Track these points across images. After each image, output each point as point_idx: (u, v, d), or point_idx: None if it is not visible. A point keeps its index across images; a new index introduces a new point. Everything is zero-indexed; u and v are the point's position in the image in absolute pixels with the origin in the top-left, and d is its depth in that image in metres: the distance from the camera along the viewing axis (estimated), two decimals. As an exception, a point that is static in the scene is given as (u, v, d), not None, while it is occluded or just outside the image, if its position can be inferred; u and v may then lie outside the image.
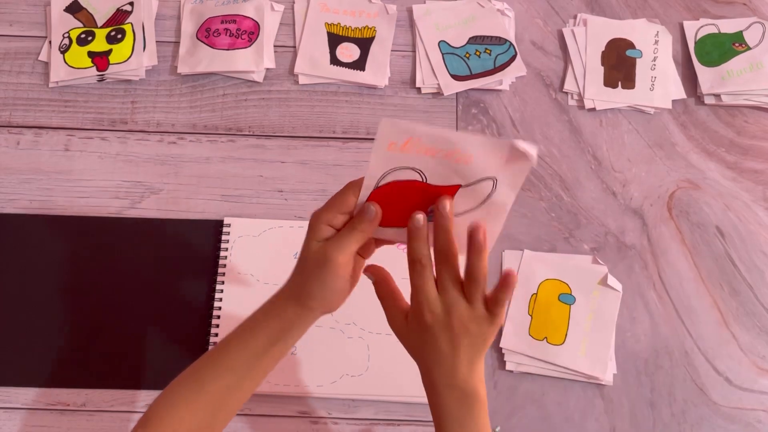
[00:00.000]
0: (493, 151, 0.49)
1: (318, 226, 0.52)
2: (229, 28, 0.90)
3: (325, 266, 0.51)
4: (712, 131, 0.88)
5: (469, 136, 0.49)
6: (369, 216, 0.51)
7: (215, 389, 0.54)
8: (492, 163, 0.49)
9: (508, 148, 0.48)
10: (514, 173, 0.50)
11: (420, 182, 0.51)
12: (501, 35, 0.92)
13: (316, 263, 0.52)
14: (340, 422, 0.73)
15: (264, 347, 0.55)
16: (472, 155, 0.49)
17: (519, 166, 0.49)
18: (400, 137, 0.48)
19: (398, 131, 0.48)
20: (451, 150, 0.49)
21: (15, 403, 0.73)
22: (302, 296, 0.53)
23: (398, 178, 0.51)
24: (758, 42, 0.92)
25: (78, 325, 0.76)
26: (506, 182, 0.50)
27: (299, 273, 0.54)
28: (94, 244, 0.80)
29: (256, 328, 0.55)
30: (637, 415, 0.74)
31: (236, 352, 0.55)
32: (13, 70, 0.90)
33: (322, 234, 0.52)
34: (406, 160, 0.50)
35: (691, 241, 0.82)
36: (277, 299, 0.55)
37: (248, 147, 0.86)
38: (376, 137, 0.48)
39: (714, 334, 0.77)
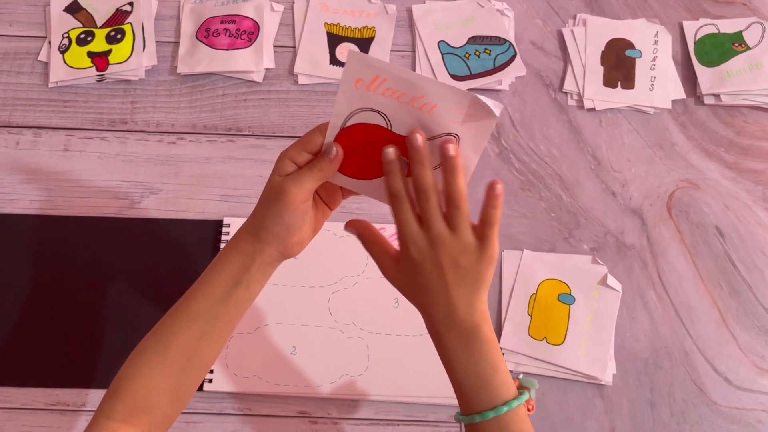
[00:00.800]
0: (455, 102, 0.47)
1: (282, 162, 0.52)
2: (228, 28, 0.90)
3: (281, 199, 0.51)
4: (712, 131, 0.88)
5: (431, 81, 0.47)
6: (330, 155, 0.51)
7: (182, 342, 0.52)
8: (454, 116, 0.48)
9: (470, 101, 0.47)
10: (476, 132, 0.48)
11: (385, 130, 0.50)
12: (501, 35, 0.92)
13: (273, 196, 0.52)
14: (340, 422, 0.73)
15: (226, 290, 0.53)
16: (436, 104, 0.47)
17: (481, 123, 0.48)
18: (367, 74, 0.47)
19: (365, 67, 0.47)
20: (414, 96, 0.47)
21: (15, 403, 0.73)
22: (258, 229, 0.53)
23: (364, 121, 0.50)
24: (758, 42, 0.92)
25: (78, 325, 0.76)
26: (468, 142, 0.49)
27: (258, 207, 0.54)
28: (94, 244, 0.80)
29: (216, 270, 0.54)
30: (636, 415, 0.74)
31: (199, 299, 0.54)
32: (12, 70, 0.90)
33: (285, 169, 0.52)
34: (372, 100, 0.49)
35: (691, 241, 0.82)
36: (235, 237, 0.55)
37: (248, 147, 0.86)
38: (343, 71, 0.47)
39: (713, 334, 0.77)
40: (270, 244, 0.53)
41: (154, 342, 0.54)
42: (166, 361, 0.52)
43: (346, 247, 0.79)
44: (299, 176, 0.51)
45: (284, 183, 0.51)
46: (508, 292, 0.78)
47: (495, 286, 0.79)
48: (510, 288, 0.78)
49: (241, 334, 0.75)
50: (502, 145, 0.87)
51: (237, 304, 0.54)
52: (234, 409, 0.73)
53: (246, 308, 0.55)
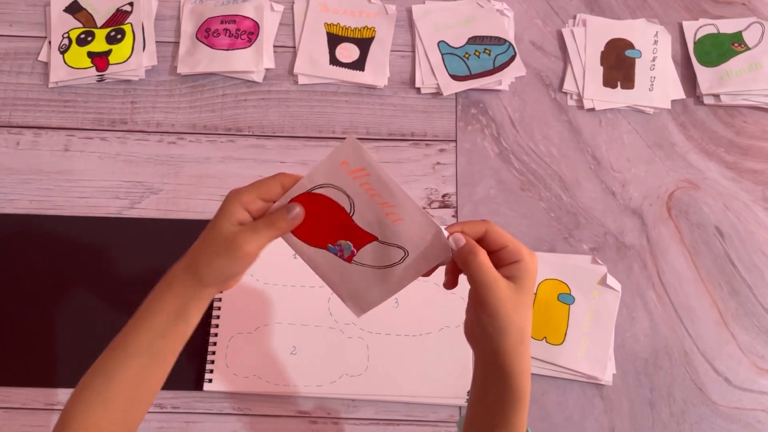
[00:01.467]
0: (420, 227, 0.49)
1: (235, 207, 0.51)
2: (228, 28, 0.90)
3: (234, 252, 0.50)
4: (712, 131, 0.88)
5: (409, 201, 0.49)
6: (291, 215, 0.51)
7: (125, 377, 0.53)
8: (414, 237, 0.50)
9: (434, 233, 0.49)
10: (425, 258, 0.50)
11: (345, 212, 0.51)
12: (500, 35, 0.92)
13: (224, 246, 0.51)
14: (340, 422, 0.73)
15: (165, 326, 0.54)
16: (403, 219, 0.49)
17: (434, 253, 0.49)
18: (356, 162, 0.49)
19: (357, 156, 0.48)
20: (387, 202, 0.49)
21: (15, 403, 0.73)
22: (200, 273, 0.52)
23: (330, 196, 0.51)
24: (757, 42, 0.92)
25: (78, 325, 0.76)
26: (413, 262, 0.50)
27: (202, 248, 0.53)
28: (94, 244, 0.80)
29: (154, 308, 0.54)
30: (636, 415, 0.74)
31: (139, 335, 0.54)
32: (12, 70, 0.90)
33: (238, 216, 0.51)
34: (348, 184, 0.50)
35: (691, 241, 0.82)
36: (172, 275, 0.54)
37: (248, 147, 0.86)
38: (336, 148, 0.48)
39: (713, 334, 0.77)
40: (211, 286, 0.53)
41: (97, 378, 0.54)
42: (110, 396, 0.53)
43: (345, 247, 0.79)
44: (256, 232, 0.51)
45: (239, 237, 0.50)
46: (508, 292, 0.78)
47: (495, 286, 0.79)
48: (510, 288, 0.78)
49: (241, 334, 0.75)
50: (502, 145, 0.87)
51: (177, 337, 0.55)
52: (234, 409, 0.73)
53: (186, 338, 0.56)
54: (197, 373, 0.73)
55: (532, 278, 0.50)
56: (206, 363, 0.74)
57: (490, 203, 0.83)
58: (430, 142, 0.87)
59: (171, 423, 0.72)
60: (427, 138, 0.87)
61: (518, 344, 0.50)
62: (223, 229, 0.51)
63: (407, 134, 0.87)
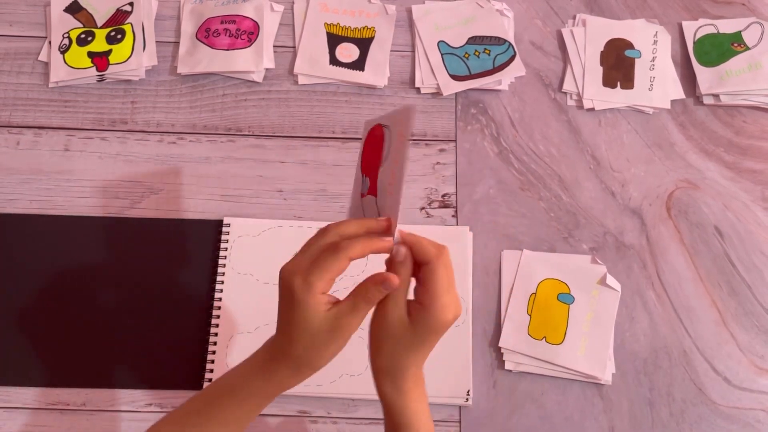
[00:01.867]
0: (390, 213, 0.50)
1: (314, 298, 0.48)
2: (228, 28, 0.90)
3: (342, 337, 0.49)
4: (711, 131, 0.88)
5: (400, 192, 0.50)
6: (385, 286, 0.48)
7: None
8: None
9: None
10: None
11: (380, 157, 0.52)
12: (500, 35, 0.92)
13: (329, 336, 0.49)
14: (340, 422, 0.73)
15: (257, 405, 0.53)
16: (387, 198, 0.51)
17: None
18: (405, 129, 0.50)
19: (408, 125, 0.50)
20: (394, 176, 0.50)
21: (15, 403, 0.73)
22: (313, 365, 0.51)
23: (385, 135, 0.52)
24: (757, 42, 0.92)
25: (78, 325, 0.76)
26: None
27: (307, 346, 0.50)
28: (94, 244, 0.80)
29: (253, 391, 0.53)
30: (636, 415, 0.74)
31: (231, 408, 0.52)
32: (13, 70, 0.90)
33: (323, 302, 0.49)
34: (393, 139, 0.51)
35: (690, 241, 0.82)
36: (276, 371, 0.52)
37: (248, 147, 0.86)
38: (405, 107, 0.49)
39: (713, 333, 0.77)
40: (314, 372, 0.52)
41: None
42: None
43: (345, 247, 0.79)
44: (357, 311, 0.49)
45: (342, 323, 0.48)
46: (508, 292, 0.78)
47: (495, 286, 0.79)
48: (509, 287, 0.78)
49: (241, 333, 0.75)
50: (502, 145, 0.87)
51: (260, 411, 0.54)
52: (234, 408, 0.73)
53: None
54: (197, 372, 0.74)
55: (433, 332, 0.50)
56: (206, 362, 0.74)
57: (489, 203, 0.83)
58: (429, 142, 0.87)
59: (171, 423, 0.72)
60: (427, 138, 0.87)
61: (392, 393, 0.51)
62: (320, 321, 0.48)
63: (407, 134, 0.87)
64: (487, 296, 0.78)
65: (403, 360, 0.51)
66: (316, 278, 0.48)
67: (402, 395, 0.52)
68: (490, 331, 0.77)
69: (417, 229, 0.81)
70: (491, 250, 0.81)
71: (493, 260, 0.80)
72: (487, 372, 0.75)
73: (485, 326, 0.77)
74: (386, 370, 0.52)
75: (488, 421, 0.73)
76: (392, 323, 0.50)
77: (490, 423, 0.73)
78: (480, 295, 0.78)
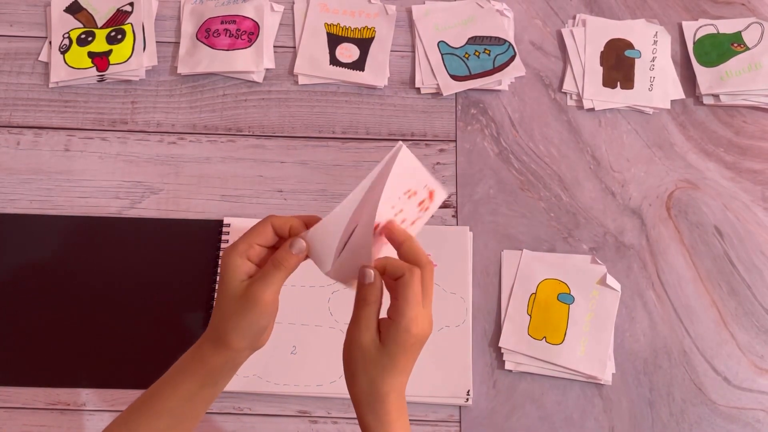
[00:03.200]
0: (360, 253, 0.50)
1: (235, 260, 0.49)
2: (228, 28, 0.90)
3: (254, 307, 0.49)
4: (711, 131, 0.88)
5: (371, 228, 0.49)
6: (296, 250, 0.49)
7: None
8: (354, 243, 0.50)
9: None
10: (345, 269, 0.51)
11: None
12: (500, 36, 0.92)
13: (241, 304, 0.49)
14: (340, 422, 0.73)
15: (194, 391, 0.52)
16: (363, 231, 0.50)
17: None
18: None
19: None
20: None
21: (15, 403, 0.73)
22: (228, 340, 0.50)
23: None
24: (757, 42, 0.92)
25: (78, 325, 0.76)
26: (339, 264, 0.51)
27: (221, 315, 0.51)
28: (94, 244, 0.80)
29: (183, 373, 0.53)
30: (636, 415, 0.74)
31: (167, 396, 0.52)
32: (13, 70, 0.90)
33: (242, 269, 0.49)
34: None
35: (690, 241, 0.82)
36: (200, 348, 0.53)
37: (248, 147, 0.86)
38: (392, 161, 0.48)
39: (712, 333, 0.77)
40: (243, 350, 0.52)
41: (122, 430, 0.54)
42: None
43: (345, 247, 0.79)
44: (266, 278, 0.49)
45: (252, 289, 0.49)
46: (508, 292, 0.78)
47: (494, 286, 0.79)
48: (509, 288, 0.78)
49: (241, 333, 0.75)
50: (502, 145, 0.87)
51: (203, 401, 0.54)
52: (234, 408, 0.73)
53: (213, 400, 0.55)
54: (197, 372, 0.74)
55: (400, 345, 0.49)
56: (206, 363, 0.74)
57: (489, 203, 0.83)
58: (430, 142, 0.87)
59: (171, 422, 0.72)
60: (427, 138, 0.87)
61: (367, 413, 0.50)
62: (234, 288, 0.49)
63: (407, 134, 0.87)
64: (487, 296, 0.78)
65: (380, 385, 0.50)
66: (238, 242, 0.50)
67: (385, 426, 0.50)
68: (490, 331, 0.77)
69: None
70: (491, 250, 0.81)
71: (493, 260, 0.80)
72: (487, 372, 0.75)
73: (485, 326, 0.77)
74: (366, 400, 0.51)
75: (488, 421, 0.73)
76: (364, 346, 0.49)
77: (490, 423, 0.73)
78: (480, 295, 0.78)
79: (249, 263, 0.50)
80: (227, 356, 0.51)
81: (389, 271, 0.50)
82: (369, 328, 0.50)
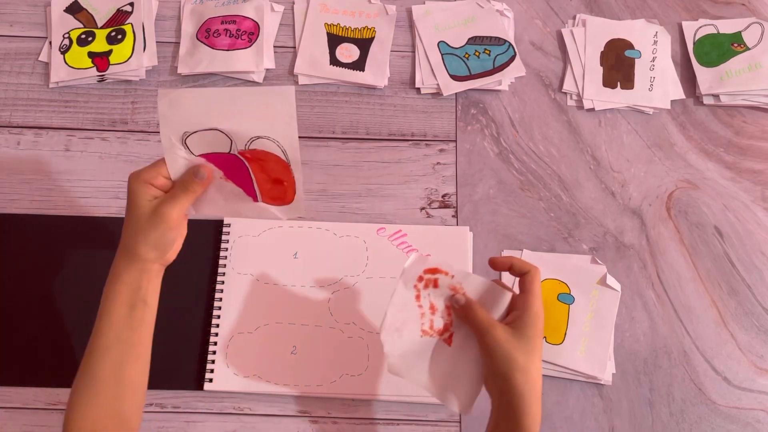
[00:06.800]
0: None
1: (142, 186, 0.57)
2: (229, 28, 0.90)
3: (162, 222, 0.57)
4: (711, 131, 0.88)
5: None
6: (199, 176, 0.58)
7: (104, 372, 0.57)
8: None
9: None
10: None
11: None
12: (500, 36, 0.92)
13: (150, 221, 0.57)
14: (340, 422, 0.73)
15: (126, 315, 0.58)
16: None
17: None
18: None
19: None
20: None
21: (15, 403, 0.73)
22: (139, 252, 0.57)
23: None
24: (757, 42, 0.92)
25: (78, 325, 0.76)
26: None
27: (131, 232, 0.58)
28: (94, 244, 0.80)
29: (110, 300, 0.58)
30: (636, 415, 0.74)
31: (105, 329, 0.58)
32: (13, 70, 0.90)
33: (150, 192, 0.57)
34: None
35: (690, 241, 0.82)
36: (115, 266, 0.59)
37: (248, 147, 0.86)
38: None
39: (712, 333, 0.77)
40: (154, 262, 0.59)
41: (82, 379, 0.57)
42: (96, 392, 0.56)
43: (346, 247, 0.79)
44: (174, 198, 0.58)
45: (161, 208, 0.57)
46: (508, 292, 0.78)
47: (494, 286, 0.79)
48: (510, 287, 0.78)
49: (242, 333, 0.75)
50: (502, 146, 0.87)
51: (142, 321, 0.59)
52: (234, 408, 0.73)
53: (151, 322, 0.60)
54: (198, 372, 0.74)
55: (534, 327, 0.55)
56: (207, 363, 0.74)
57: (489, 203, 0.83)
58: (430, 143, 0.87)
59: (171, 422, 0.72)
60: (427, 138, 0.87)
61: (523, 384, 0.53)
62: (143, 207, 0.57)
63: (407, 134, 0.87)
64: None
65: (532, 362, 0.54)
66: (144, 170, 0.58)
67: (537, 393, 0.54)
68: (490, 331, 0.77)
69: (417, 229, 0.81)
70: (491, 250, 0.81)
71: (493, 260, 0.80)
72: (487, 372, 0.75)
73: (485, 326, 0.77)
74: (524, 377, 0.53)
75: (488, 421, 0.73)
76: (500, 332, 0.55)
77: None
78: (480, 295, 0.78)
79: (154, 188, 0.58)
80: (139, 268, 0.58)
81: (516, 267, 0.59)
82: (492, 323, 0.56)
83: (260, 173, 0.60)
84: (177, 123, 0.58)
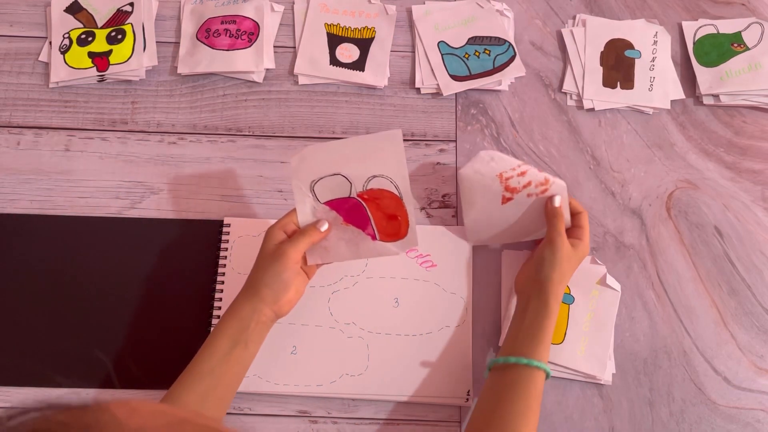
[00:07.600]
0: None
1: (274, 231, 0.66)
2: (229, 28, 0.90)
3: (280, 259, 0.63)
4: (711, 131, 0.88)
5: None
6: (320, 227, 0.67)
7: (188, 400, 0.59)
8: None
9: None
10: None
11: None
12: (500, 36, 0.92)
13: (272, 259, 0.64)
14: (340, 422, 0.73)
15: (226, 351, 0.62)
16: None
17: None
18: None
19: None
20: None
21: (15, 403, 0.73)
22: (257, 288, 0.64)
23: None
24: (757, 42, 0.92)
25: (78, 325, 0.76)
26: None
27: (256, 270, 0.65)
28: (94, 244, 0.80)
29: (217, 334, 0.63)
30: (635, 415, 0.74)
31: (205, 358, 0.62)
32: (13, 70, 0.90)
33: (278, 237, 0.65)
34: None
35: (690, 241, 0.82)
36: (235, 301, 0.65)
37: (248, 147, 0.86)
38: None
39: (712, 333, 0.77)
40: (267, 303, 0.64)
41: (169, 396, 0.61)
42: None
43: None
44: (294, 241, 0.65)
45: (282, 246, 0.64)
46: (508, 292, 0.78)
47: (495, 286, 0.79)
48: (510, 287, 0.78)
49: (242, 333, 0.75)
50: (502, 145, 0.87)
51: (237, 362, 0.63)
52: (234, 408, 0.73)
53: (246, 367, 0.64)
54: (197, 372, 0.74)
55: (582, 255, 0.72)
56: (206, 363, 0.74)
57: (489, 203, 0.83)
58: (430, 142, 0.87)
59: (171, 422, 0.72)
60: (427, 138, 0.87)
61: (560, 279, 0.68)
62: (268, 248, 0.65)
63: (407, 134, 0.87)
64: (487, 296, 0.78)
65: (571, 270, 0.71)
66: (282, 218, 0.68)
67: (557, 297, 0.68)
68: (490, 331, 0.77)
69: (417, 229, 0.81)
70: (491, 250, 0.81)
71: (493, 260, 0.80)
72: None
73: (485, 326, 0.77)
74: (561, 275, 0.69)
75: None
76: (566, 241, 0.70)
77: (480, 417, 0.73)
78: (480, 295, 0.78)
79: (284, 234, 0.66)
80: (253, 306, 0.63)
81: (573, 206, 0.73)
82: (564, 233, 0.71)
83: (377, 212, 0.67)
84: (306, 173, 0.66)
